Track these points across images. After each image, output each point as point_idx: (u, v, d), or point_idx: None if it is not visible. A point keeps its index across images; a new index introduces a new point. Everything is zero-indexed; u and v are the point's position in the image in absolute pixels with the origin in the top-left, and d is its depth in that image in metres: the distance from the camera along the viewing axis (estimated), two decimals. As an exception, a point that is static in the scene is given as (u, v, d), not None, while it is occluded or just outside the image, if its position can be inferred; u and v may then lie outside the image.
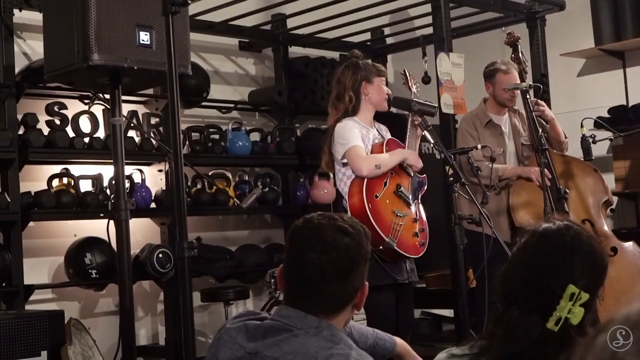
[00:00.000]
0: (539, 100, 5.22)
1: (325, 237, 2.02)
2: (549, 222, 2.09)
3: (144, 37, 3.29)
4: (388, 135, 4.55)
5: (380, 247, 4.10)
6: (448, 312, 6.46)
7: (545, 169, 4.70)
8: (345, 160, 4.31)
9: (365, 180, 4.21)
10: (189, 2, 2.57)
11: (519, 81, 5.15)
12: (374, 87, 4.40)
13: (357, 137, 4.28)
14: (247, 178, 6.42)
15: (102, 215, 5.07)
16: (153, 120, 5.75)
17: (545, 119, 5.22)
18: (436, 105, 4.39)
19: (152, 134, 5.62)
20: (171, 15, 2.51)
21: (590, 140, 4.79)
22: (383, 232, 4.11)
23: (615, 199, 6.90)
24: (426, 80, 5.85)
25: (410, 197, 4.32)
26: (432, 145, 4.25)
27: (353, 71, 4.41)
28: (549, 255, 1.99)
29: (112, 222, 3.65)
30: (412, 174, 4.38)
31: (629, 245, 5.02)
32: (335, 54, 7.10)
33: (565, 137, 5.35)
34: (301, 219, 2.13)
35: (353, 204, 4.21)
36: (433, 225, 5.19)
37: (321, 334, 2.00)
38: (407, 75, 4.69)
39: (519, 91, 5.04)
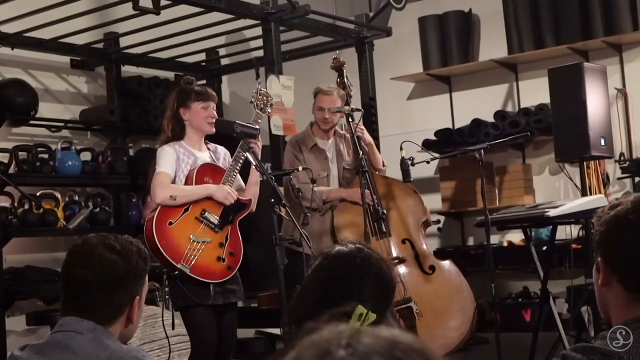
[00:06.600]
0: (360, 124, 5.32)
1: (92, 254, 2.16)
2: (342, 245, 2.18)
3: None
4: (228, 158, 4.56)
5: (176, 272, 4.18)
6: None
7: (367, 191, 4.84)
8: None
9: (159, 207, 4.27)
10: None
11: (338, 104, 5.21)
12: (191, 112, 4.42)
13: (167, 163, 4.33)
14: (77, 198, 6.29)
15: None
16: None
17: (364, 142, 5.29)
18: (258, 127, 4.43)
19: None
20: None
21: (409, 162, 4.96)
22: (173, 259, 4.18)
23: (442, 218, 7.19)
24: (259, 101, 5.89)
25: (218, 222, 4.34)
26: (254, 166, 4.29)
27: (174, 97, 4.47)
28: (340, 276, 2.08)
29: None
30: None
31: (446, 263, 5.21)
32: (170, 74, 7.08)
33: (384, 165, 5.44)
34: (81, 238, 2.25)
35: (145, 230, 4.27)
36: (264, 246, 5.24)
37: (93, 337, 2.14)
38: (258, 94, 4.60)
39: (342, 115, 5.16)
